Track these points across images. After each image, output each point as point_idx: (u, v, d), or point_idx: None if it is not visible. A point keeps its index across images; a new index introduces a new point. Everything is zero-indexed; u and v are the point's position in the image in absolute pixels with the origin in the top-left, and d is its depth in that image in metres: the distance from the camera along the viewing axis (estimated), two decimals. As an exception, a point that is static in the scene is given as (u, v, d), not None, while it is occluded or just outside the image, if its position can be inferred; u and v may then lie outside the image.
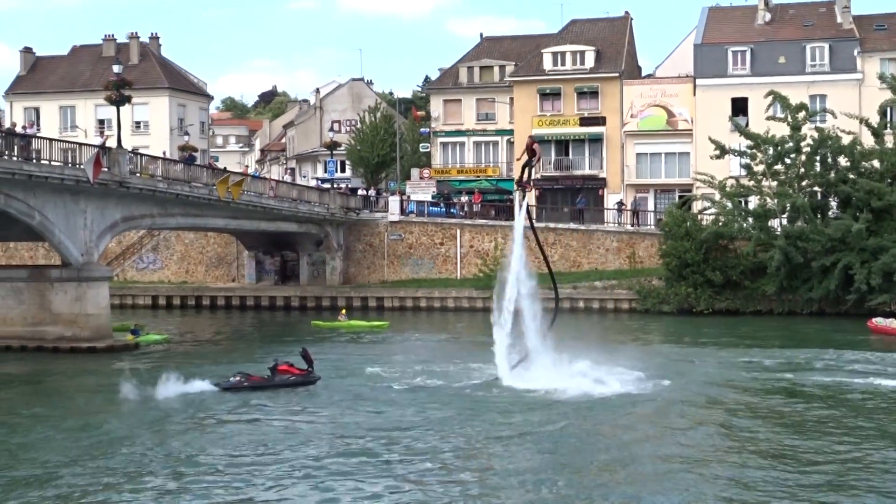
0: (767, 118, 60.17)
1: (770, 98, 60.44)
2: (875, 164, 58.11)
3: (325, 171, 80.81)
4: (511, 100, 77.23)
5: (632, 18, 79.89)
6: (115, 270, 63.59)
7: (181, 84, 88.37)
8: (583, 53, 75.28)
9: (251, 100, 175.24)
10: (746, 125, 63.83)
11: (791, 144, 58.15)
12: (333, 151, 77.19)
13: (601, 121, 74.03)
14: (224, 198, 51.94)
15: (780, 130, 58.91)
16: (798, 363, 38.52)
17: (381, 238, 68.19)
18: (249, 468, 22.95)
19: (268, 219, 61.06)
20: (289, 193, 63.79)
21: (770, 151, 58.59)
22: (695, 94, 72.08)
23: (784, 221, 58.00)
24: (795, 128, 58.28)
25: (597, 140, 74.37)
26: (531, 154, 34.86)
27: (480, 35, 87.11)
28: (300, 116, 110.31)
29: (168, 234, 70.66)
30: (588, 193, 73.23)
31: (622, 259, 64.18)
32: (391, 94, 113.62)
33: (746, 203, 61.15)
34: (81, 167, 42.90)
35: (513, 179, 75.72)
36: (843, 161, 58.54)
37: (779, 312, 56.65)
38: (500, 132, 78.69)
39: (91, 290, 44.35)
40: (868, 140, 59.53)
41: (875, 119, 59.09)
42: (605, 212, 69.48)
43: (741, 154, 60.11)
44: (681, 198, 69.03)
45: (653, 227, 65.65)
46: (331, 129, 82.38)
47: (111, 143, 47.17)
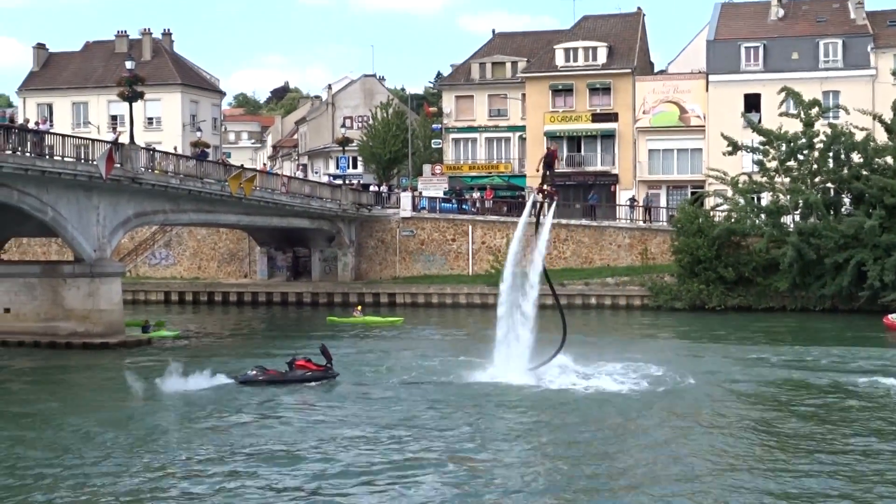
0: (780, 114, 60.10)
1: (783, 94, 60.37)
2: (888, 161, 57.86)
3: (337, 168, 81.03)
4: (523, 96, 77.16)
5: (644, 14, 79.81)
6: (128, 266, 63.66)
7: (193, 80, 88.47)
8: (595, 49, 75.18)
9: (263, 96, 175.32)
10: (759, 121, 63.73)
11: (804, 141, 58.03)
12: (345, 147, 77.31)
13: (613, 117, 73.94)
14: (236, 194, 52.01)
15: (793, 127, 58.73)
16: (812, 361, 38.38)
17: (393, 234, 68.17)
18: (264, 462, 22.99)
19: (280, 215, 61.12)
20: (301, 189, 63.82)
21: (783, 148, 58.47)
22: (707, 91, 71.94)
23: (797, 218, 57.88)
24: (808, 124, 58.13)
25: (609, 136, 74.31)
26: (551, 162, 35.15)
27: (492, 31, 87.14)
28: (312, 112, 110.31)
29: (180, 230, 70.76)
30: (600, 190, 73.19)
31: (634, 255, 64.07)
32: (403, 91, 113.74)
33: (759, 199, 61.08)
34: (94, 163, 42.91)
35: (524, 175, 75.96)
36: (857, 157, 58.40)
37: (791, 309, 56.50)
38: (512, 128, 78.62)
39: (104, 286, 44.45)
40: (881, 136, 59.35)
41: (888, 115, 58.77)
42: (618, 208, 69.33)
43: (754, 150, 60.01)
44: (693, 194, 68.84)
45: (665, 224, 65.50)
46: (343, 126, 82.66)
47: (124, 140, 47.21)
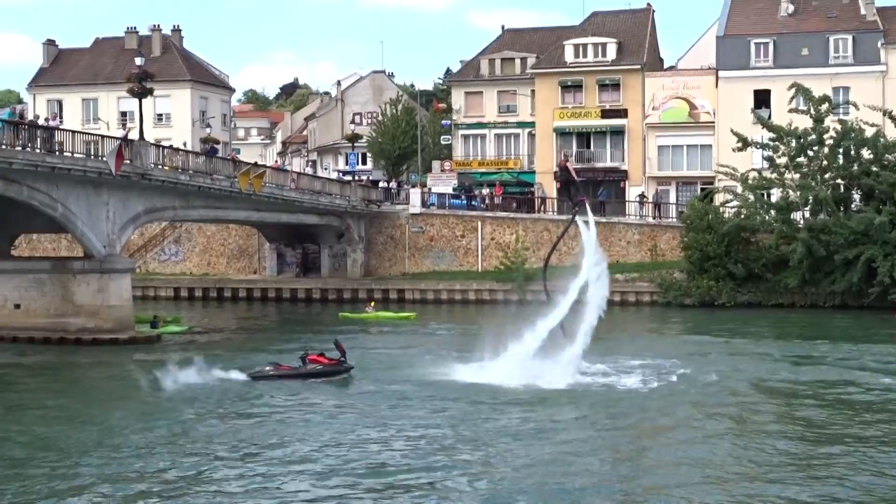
0: (790, 110, 59.90)
1: (793, 90, 60.21)
2: (898, 157, 57.82)
3: (347, 164, 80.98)
4: (532, 92, 77.06)
5: (654, 10, 79.66)
6: (138, 262, 63.76)
7: (203, 76, 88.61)
8: (604, 45, 75.06)
9: (273, 92, 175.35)
10: (769, 117, 63.59)
11: (814, 137, 57.90)
12: (355, 144, 77.30)
13: (623, 113, 73.83)
14: (245, 190, 52.06)
15: (803, 123, 58.60)
16: (825, 357, 38.25)
17: (403, 230, 68.16)
18: (274, 459, 23.00)
19: (289, 211, 61.14)
20: (310, 186, 63.84)
21: (793, 144, 58.36)
22: (717, 87, 71.76)
23: (807, 214, 57.79)
24: (818, 120, 58.00)
25: (618, 132, 74.19)
26: (568, 173, 35.30)
27: (502, 27, 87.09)
28: (321, 109, 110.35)
29: (190, 227, 70.82)
30: (609, 186, 73.03)
31: (644, 252, 63.97)
32: (412, 87, 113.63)
33: (769, 196, 60.98)
34: (104, 159, 43.03)
35: (534, 172, 75.98)
36: (867, 153, 58.25)
37: (801, 305, 56.36)
38: (522, 124, 78.54)
39: (113, 282, 44.51)
40: (892, 132, 59.15)
41: (899, 111, 58.80)
42: (627, 204, 69.22)
43: (763, 146, 59.91)
44: (703, 190, 68.77)
45: (674, 220, 65.41)
46: (352, 122, 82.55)
47: (133, 136, 47.31)
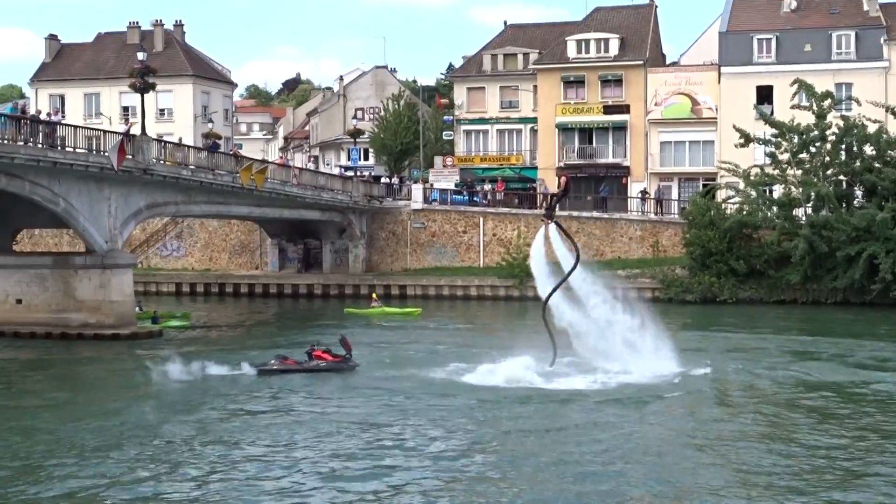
0: (792, 106, 59.85)
1: (795, 86, 60.12)
2: (901, 153, 57.78)
3: (349, 159, 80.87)
4: (535, 87, 76.92)
5: (656, 6, 79.45)
6: (139, 257, 63.73)
7: (205, 71, 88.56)
8: (607, 41, 74.94)
9: (275, 87, 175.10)
10: (771, 113, 63.50)
11: (816, 133, 57.84)
12: (357, 139, 77.21)
13: (625, 109, 73.70)
14: (247, 185, 52.07)
15: (806, 119, 58.56)
16: (830, 354, 38.27)
17: (404, 226, 68.15)
18: (277, 455, 23.06)
19: (291, 206, 61.15)
20: (312, 181, 63.82)
21: (795, 140, 58.32)
22: (719, 83, 71.64)
23: (809, 210, 57.74)
24: (821, 116, 57.96)
25: (621, 128, 74.08)
26: (566, 190, 35.20)
27: (504, 23, 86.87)
28: (324, 104, 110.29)
29: (192, 222, 70.83)
30: (611, 182, 72.97)
31: (645, 248, 63.95)
32: (415, 82, 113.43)
33: (771, 192, 60.89)
34: (106, 154, 43.04)
35: (536, 167, 75.91)
36: (869, 150, 58.24)
37: (803, 302, 56.39)
38: (524, 120, 78.46)
39: (115, 278, 44.54)
40: (894, 128, 59.15)
41: (901, 107, 58.74)
42: (629, 200, 69.22)
43: (766, 142, 59.87)
44: (705, 186, 68.74)
45: (676, 216, 65.40)
46: (354, 117, 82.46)
47: (135, 131, 47.29)
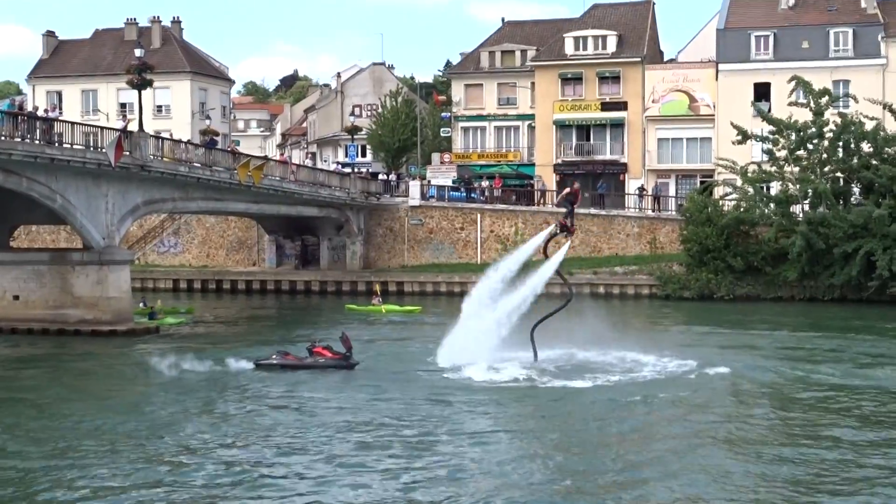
0: (790, 104, 59.88)
1: (793, 83, 60.14)
2: (898, 150, 57.80)
3: (346, 156, 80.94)
4: (532, 84, 77.01)
5: (654, 3, 79.51)
6: (137, 254, 63.83)
7: (203, 68, 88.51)
8: (605, 38, 74.97)
9: (272, 84, 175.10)
10: (769, 110, 63.64)
11: (814, 130, 57.90)
12: (354, 136, 77.16)
13: (623, 106, 73.75)
14: (245, 182, 52.05)
15: (803, 116, 58.59)
16: (826, 350, 38.16)
17: (402, 223, 68.16)
18: (274, 451, 23.00)
19: (288, 203, 61.13)
20: (310, 178, 63.80)
21: (792, 137, 58.35)
22: (717, 80, 71.70)
23: (806, 207, 57.78)
24: (818, 113, 57.99)
25: (618, 125, 74.13)
26: (575, 198, 35.10)
27: (502, 19, 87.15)
28: (321, 101, 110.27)
29: (189, 218, 70.84)
30: (609, 178, 73.09)
31: (643, 244, 64.02)
32: (412, 79, 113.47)
33: (768, 189, 61.00)
34: (103, 151, 42.98)
35: (533, 164, 75.92)
36: (866, 147, 58.29)
37: (800, 299, 56.49)
38: (522, 117, 78.51)
39: (112, 274, 44.50)
40: (892, 126, 59.16)
41: (899, 104, 58.76)
42: (626, 197, 69.23)
43: (763, 139, 59.90)
44: (702, 183, 68.78)
45: (674, 213, 65.47)
46: (352, 114, 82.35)
47: (133, 127, 47.24)
